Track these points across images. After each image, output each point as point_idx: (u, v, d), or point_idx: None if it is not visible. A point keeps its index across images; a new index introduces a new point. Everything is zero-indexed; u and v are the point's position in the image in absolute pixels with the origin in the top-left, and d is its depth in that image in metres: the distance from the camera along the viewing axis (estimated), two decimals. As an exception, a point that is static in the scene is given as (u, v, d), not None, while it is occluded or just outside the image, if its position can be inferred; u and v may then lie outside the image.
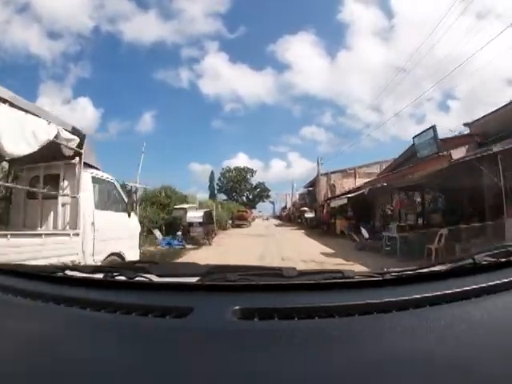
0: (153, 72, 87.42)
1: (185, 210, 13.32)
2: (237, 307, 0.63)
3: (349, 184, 26.76)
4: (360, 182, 24.30)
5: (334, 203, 18.15)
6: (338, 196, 18.83)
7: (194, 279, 0.78)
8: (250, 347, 0.54)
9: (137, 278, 0.79)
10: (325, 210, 24.02)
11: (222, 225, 24.48)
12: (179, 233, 12.67)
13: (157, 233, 13.29)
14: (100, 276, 0.84)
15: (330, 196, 25.30)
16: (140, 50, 71.59)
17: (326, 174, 28.42)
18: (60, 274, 0.90)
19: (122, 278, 0.81)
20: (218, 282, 0.76)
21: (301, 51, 73.06)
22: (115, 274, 0.84)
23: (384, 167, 27.49)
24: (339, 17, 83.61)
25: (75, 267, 1.08)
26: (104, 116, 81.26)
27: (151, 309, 0.66)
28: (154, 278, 0.79)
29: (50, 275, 0.90)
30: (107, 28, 78.83)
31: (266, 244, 12.86)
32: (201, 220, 12.56)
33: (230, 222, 27.15)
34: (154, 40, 77.95)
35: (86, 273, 0.91)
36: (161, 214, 13.75)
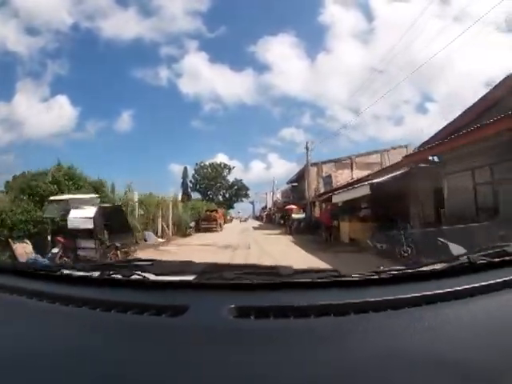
0: (131, 71, 76.37)
1: (66, 205, 6.59)
2: (233, 305, 0.62)
3: (344, 176, 21.36)
4: (358, 174, 18.92)
5: (338, 198, 12.28)
6: (348, 186, 12.91)
7: (190, 277, 0.78)
8: (246, 345, 0.54)
9: (133, 277, 0.79)
10: (318, 209, 18.34)
11: (181, 229, 18.07)
12: (55, 250, 6.24)
13: (22, 248, 6.79)
14: (96, 274, 0.84)
15: (321, 191, 19.60)
16: (118, 48, 62.00)
17: (317, 165, 22.76)
18: (56, 272, 0.89)
19: (119, 276, 0.81)
20: (214, 281, 0.77)
21: (281, 52, 69.44)
22: (111, 272, 0.83)
23: (386, 157, 22.42)
24: (320, 18, 77.51)
25: (71, 265, 1.09)
26: (81, 115, 73.07)
27: (147, 307, 0.65)
28: (151, 277, 0.79)
29: (45, 273, 0.90)
30: (85, 25, 71.04)
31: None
32: (91, 225, 6.08)
33: (194, 224, 20.52)
34: (132, 38, 73.10)
35: (82, 271, 0.90)
36: (36, 211, 7.22)
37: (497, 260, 0.79)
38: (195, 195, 49.51)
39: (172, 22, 75.40)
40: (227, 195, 57.13)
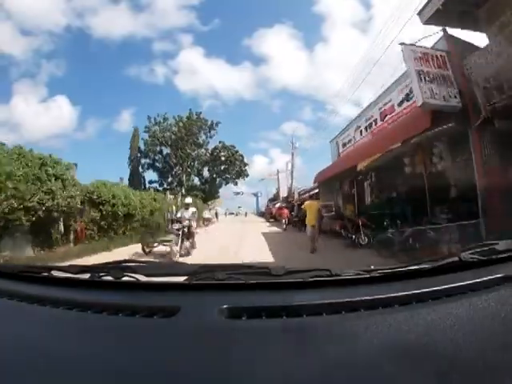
0: (128, 69, 74.41)
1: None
2: (224, 306, 0.62)
3: None
4: None
5: None
6: None
7: (181, 278, 0.77)
8: (238, 346, 0.54)
9: (124, 278, 0.78)
10: None
11: None
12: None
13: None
14: (86, 276, 0.83)
15: None
16: (113, 46, 59.39)
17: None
18: (45, 274, 0.88)
19: (109, 278, 0.80)
20: (206, 281, 0.76)
21: (279, 45, 64.78)
22: (102, 274, 0.82)
23: None
24: (316, 8, 76.06)
25: (61, 267, 0.98)
26: (81, 114, 71.83)
27: (138, 309, 0.65)
28: (142, 278, 0.78)
29: (35, 275, 0.89)
30: (78, 24, 64.47)
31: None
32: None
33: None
34: (127, 36, 69.49)
35: (72, 273, 0.88)
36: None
37: (486, 258, 0.80)
38: (151, 176, 24.36)
39: (166, 17, 69.88)
40: (206, 173, 31.51)
